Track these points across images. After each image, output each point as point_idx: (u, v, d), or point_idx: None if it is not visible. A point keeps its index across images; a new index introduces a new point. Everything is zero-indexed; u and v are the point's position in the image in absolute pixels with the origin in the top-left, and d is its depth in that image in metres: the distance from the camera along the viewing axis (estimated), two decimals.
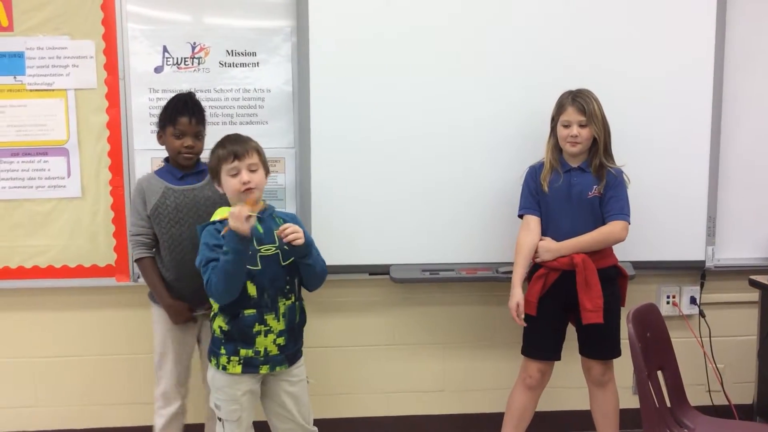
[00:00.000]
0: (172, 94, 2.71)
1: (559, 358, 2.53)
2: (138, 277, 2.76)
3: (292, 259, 2.14)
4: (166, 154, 2.78)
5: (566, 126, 2.44)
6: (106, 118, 2.72)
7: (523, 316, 2.46)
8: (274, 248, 2.13)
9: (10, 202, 2.74)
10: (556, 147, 2.50)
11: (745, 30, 2.87)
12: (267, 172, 2.21)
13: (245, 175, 2.10)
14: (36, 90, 2.70)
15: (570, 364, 2.56)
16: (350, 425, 2.98)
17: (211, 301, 2.16)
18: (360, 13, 2.72)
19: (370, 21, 2.72)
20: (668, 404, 2.24)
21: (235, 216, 1.96)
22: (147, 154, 2.74)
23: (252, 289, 2.09)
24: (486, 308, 2.97)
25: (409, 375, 3.00)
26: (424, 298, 2.96)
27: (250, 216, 1.97)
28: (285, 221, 2.16)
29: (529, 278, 2.52)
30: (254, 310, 2.10)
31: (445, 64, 2.75)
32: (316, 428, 2.34)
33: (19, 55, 2.70)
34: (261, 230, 2.13)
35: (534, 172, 2.55)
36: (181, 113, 2.38)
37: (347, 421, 2.98)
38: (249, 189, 2.10)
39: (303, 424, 2.28)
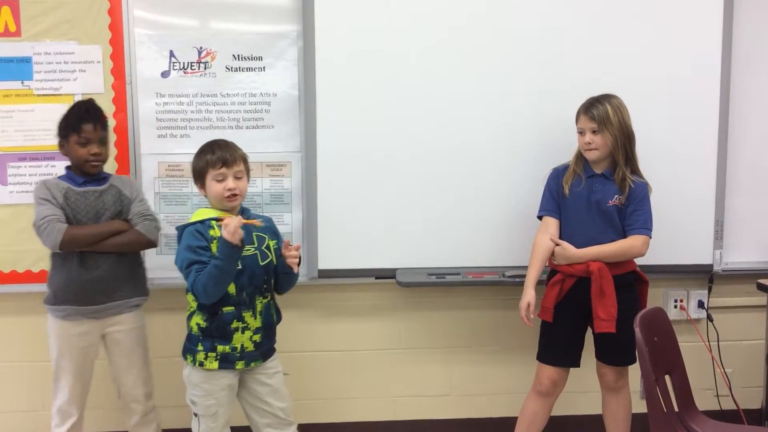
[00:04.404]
0: (180, 99, 2.74)
1: (575, 365, 2.51)
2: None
3: (269, 260, 2.23)
4: (173, 158, 2.79)
5: (581, 133, 2.44)
6: (113, 123, 2.73)
7: (532, 317, 2.45)
8: (253, 249, 2.21)
9: (18, 207, 2.75)
10: (581, 153, 2.49)
11: (752, 33, 2.86)
12: (248, 178, 2.27)
13: (231, 182, 2.17)
14: (43, 95, 2.72)
15: (580, 368, 2.53)
16: (355, 429, 2.97)
17: (189, 298, 2.22)
18: (366, 17, 2.72)
19: (376, 26, 2.73)
20: (676, 409, 2.22)
21: (231, 229, 2.03)
22: (154, 158, 2.75)
23: (232, 288, 2.15)
24: (492, 312, 2.96)
25: (415, 379, 3.00)
26: (430, 302, 2.95)
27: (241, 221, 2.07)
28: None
29: (545, 283, 2.51)
30: (233, 308, 2.17)
31: (453, 69, 2.75)
32: (295, 421, 2.36)
33: (27, 60, 2.71)
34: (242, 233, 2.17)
35: (557, 174, 2.53)
36: (85, 120, 2.35)
37: (352, 425, 2.98)
38: (233, 195, 2.17)
39: (282, 417, 2.31)
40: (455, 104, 2.76)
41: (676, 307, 2.99)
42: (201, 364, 2.18)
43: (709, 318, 2.98)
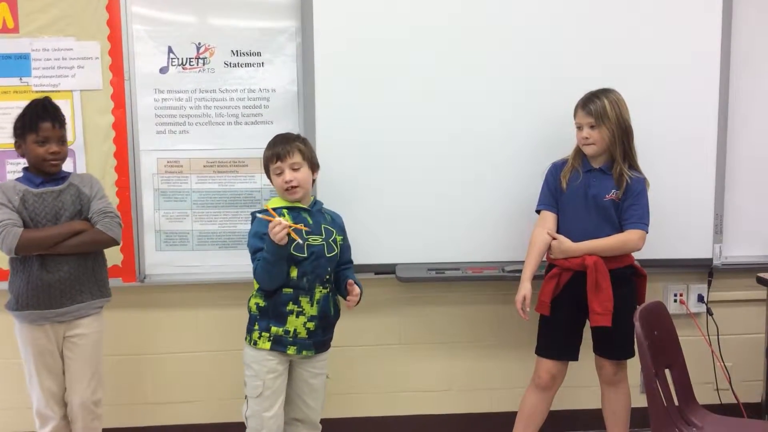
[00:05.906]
0: (179, 95, 2.73)
1: (573, 359, 2.52)
2: (144, 278, 2.78)
3: (334, 253, 2.32)
4: (172, 155, 2.77)
5: (579, 128, 2.45)
6: (112, 119, 2.73)
7: (528, 309, 2.46)
8: (321, 239, 2.28)
9: None
10: (580, 148, 2.49)
11: (752, 28, 2.85)
12: (315, 168, 2.35)
13: (288, 174, 2.25)
14: (42, 91, 2.70)
15: (580, 363, 2.54)
16: (356, 425, 2.98)
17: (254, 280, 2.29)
18: (365, 13, 2.72)
19: (375, 21, 2.72)
20: (676, 403, 2.23)
21: (276, 230, 2.11)
22: (153, 154, 2.75)
23: (294, 271, 2.23)
24: (492, 307, 2.96)
25: (415, 374, 3.00)
26: (430, 298, 2.96)
27: (288, 227, 2.14)
28: (332, 217, 2.40)
29: (542, 277, 2.51)
30: (291, 290, 2.24)
31: (452, 65, 2.74)
32: (320, 426, 2.39)
33: (25, 57, 2.71)
34: (311, 221, 2.28)
35: (555, 169, 2.54)
36: (42, 118, 2.30)
37: (353, 420, 2.98)
38: (292, 187, 2.25)
39: (312, 418, 2.35)
40: (455, 99, 2.76)
41: (675, 301, 3.00)
42: (255, 343, 2.25)
43: (709, 312, 2.99)
